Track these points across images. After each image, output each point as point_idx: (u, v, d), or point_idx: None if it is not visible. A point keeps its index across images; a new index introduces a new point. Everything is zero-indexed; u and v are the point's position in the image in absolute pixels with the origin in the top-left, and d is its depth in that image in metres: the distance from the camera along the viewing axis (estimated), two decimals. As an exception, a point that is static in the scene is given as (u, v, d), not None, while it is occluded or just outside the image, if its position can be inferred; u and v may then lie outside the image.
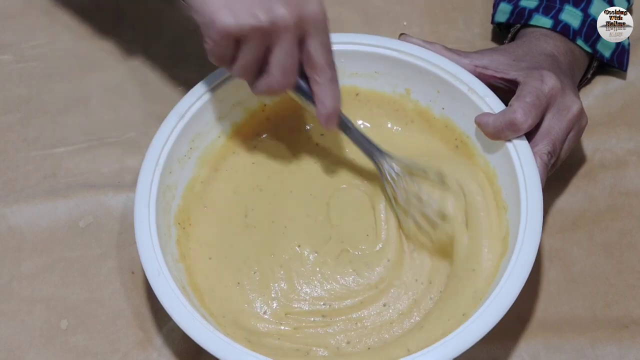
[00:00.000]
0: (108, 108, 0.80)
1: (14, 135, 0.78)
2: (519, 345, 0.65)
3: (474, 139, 0.69)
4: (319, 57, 0.61)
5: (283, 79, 0.61)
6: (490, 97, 0.67)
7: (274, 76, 0.61)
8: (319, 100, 0.63)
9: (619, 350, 0.65)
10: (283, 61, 0.60)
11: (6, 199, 0.73)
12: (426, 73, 0.70)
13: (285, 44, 0.59)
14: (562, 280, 0.69)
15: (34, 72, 0.83)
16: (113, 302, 0.68)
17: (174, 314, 0.59)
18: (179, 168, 0.68)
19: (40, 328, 0.67)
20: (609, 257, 0.70)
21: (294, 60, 0.61)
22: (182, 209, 0.68)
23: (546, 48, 0.72)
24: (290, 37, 0.59)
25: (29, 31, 0.85)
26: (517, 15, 0.76)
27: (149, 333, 0.67)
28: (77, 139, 0.78)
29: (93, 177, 0.75)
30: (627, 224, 0.72)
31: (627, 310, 0.67)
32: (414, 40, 0.71)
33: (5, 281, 0.69)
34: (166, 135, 0.67)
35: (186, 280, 0.64)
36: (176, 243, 0.66)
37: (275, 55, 0.60)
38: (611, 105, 0.78)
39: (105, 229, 0.72)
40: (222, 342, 0.57)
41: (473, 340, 0.56)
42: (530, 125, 0.64)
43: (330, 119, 0.64)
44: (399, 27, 0.85)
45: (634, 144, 0.76)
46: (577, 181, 0.74)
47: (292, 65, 0.61)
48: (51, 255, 0.71)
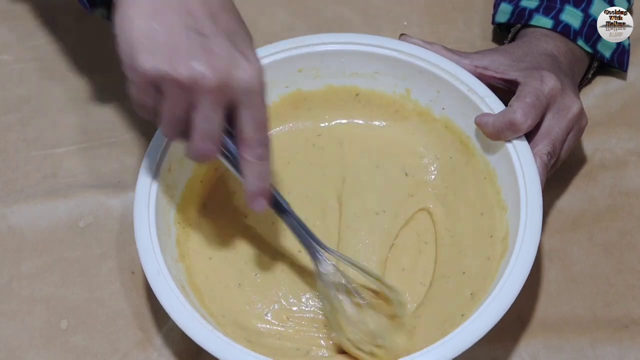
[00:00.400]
0: (108, 108, 0.80)
1: (14, 135, 0.78)
2: (519, 345, 0.65)
3: (474, 139, 0.69)
4: (248, 131, 0.56)
5: (202, 145, 0.56)
6: (490, 98, 0.67)
7: (193, 141, 0.56)
8: (244, 177, 0.58)
9: (619, 350, 0.65)
10: (202, 126, 0.55)
11: (6, 199, 0.74)
12: (426, 73, 0.70)
13: (205, 108, 0.54)
14: (562, 280, 0.69)
15: (34, 72, 0.83)
16: (113, 302, 0.68)
17: (173, 314, 0.59)
18: (179, 168, 0.68)
19: (40, 328, 0.67)
20: (609, 257, 0.70)
21: (214, 128, 0.55)
22: (182, 209, 0.68)
23: (546, 48, 0.72)
24: (210, 102, 0.53)
25: (29, 31, 0.85)
26: (517, 15, 0.76)
27: (149, 333, 0.67)
28: (77, 139, 0.78)
29: (93, 177, 0.75)
30: (627, 224, 0.72)
31: (627, 310, 0.67)
32: (414, 41, 0.71)
33: (5, 281, 0.69)
34: (166, 134, 0.67)
35: (186, 280, 0.64)
36: (176, 243, 0.66)
37: (195, 118, 0.55)
38: (611, 105, 0.78)
39: (105, 229, 0.72)
40: (222, 342, 0.57)
41: (473, 340, 0.56)
42: (530, 125, 0.64)
43: (255, 199, 0.59)
44: (399, 27, 0.85)
45: (634, 144, 0.76)
46: (577, 181, 0.74)
47: (212, 132, 0.55)
48: (51, 255, 0.71)
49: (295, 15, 0.87)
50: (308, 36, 0.72)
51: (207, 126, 0.55)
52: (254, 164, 0.57)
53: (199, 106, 0.54)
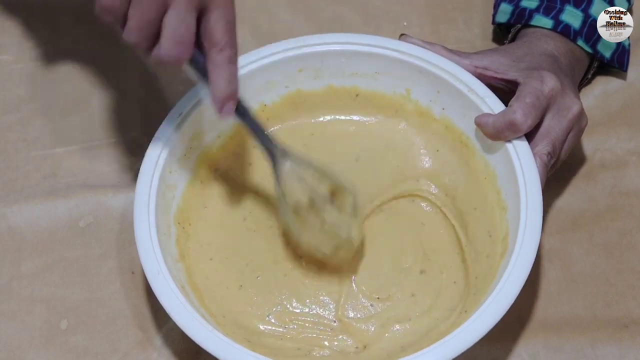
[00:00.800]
0: (108, 108, 0.80)
1: (14, 135, 0.78)
2: (519, 345, 0.65)
3: (474, 139, 0.69)
4: (218, 31, 0.56)
5: (173, 48, 0.55)
6: (490, 98, 0.67)
7: (164, 45, 0.55)
8: (212, 82, 0.58)
9: (619, 350, 0.65)
10: (175, 28, 0.54)
11: (6, 199, 0.73)
12: (426, 73, 0.70)
13: (179, 9, 0.54)
14: (562, 280, 0.69)
15: (34, 72, 0.83)
16: (113, 302, 0.68)
17: (172, 313, 0.58)
18: (179, 168, 0.68)
19: (40, 328, 0.67)
20: (609, 257, 0.70)
21: (187, 30, 0.55)
22: (182, 209, 0.68)
23: (547, 48, 0.72)
24: (186, 2, 0.54)
25: (29, 31, 0.85)
26: (517, 15, 0.76)
27: (149, 333, 0.67)
28: (77, 139, 0.78)
29: (93, 177, 0.75)
30: (627, 224, 0.72)
31: (627, 310, 0.67)
32: (414, 41, 0.71)
33: (5, 281, 0.69)
34: (166, 134, 0.67)
35: (185, 280, 0.64)
36: (176, 243, 0.66)
37: (167, 20, 0.54)
38: (611, 105, 0.78)
39: (105, 229, 0.72)
40: (222, 341, 0.57)
41: (473, 340, 0.56)
42: (530, 125, 0.64)
43: (224, 104, 0.59)
44: (399, 27, 0.85)
45: (634, 144, 0.76)
46: (577, 181, 0.74)
47: (185, 34, 0.55)
48: (51, 255, 0.71)
49: (296, 16, 0.87)
50: (308, 36, 0.72)
51: (182, 29, 0.55)
52: (223, 67, 0.57)
53: (173, 7, 0.54)
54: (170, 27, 0.55)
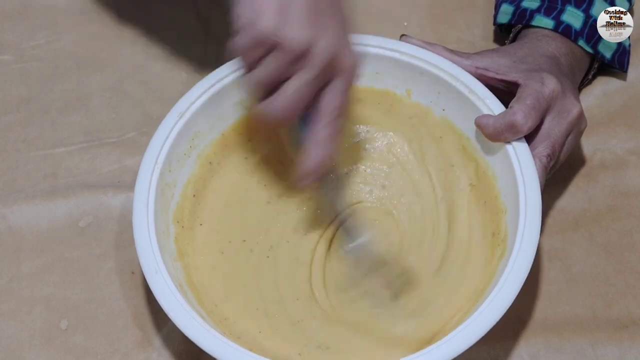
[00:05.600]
0: (108, 108, 0.80)
1: (14, 135, 0.78)
2: (519, 345, 0.65)
3: (474, 140, 0.69)
4: (331, 105, 0.58)
5: (282, 112, 0.57)
6: (490, 99, 0.67)
7: (274, 103, 0.57)
8: (308, 153, 0.59)
9: (619, 350, 0.65)
10: (293, 93, 0.56)
11: (6, 199, 0.74)
12: (427, 74, 0.70)
13: (309, 74, 0.56)
14: (562, 280, 0.69)
15: (34, 72, 0.83)
16: (113, 302, 0.68)
17: (170, 312, 0.58)
18: (179, 166, 0.68)
19: (40, 328, 0.67)
20: (609, 257, 0.70)
21: (302, 101, 0.57)
22: (181, 208, 0.68)
23: (548, 49, 0.72)
24: (315, 74, 0.56)
25: (29, 31, 0.85)
26: (518, 16, 0.76)
27: (149, 333, 0.67)
28: (77, 139, 0.78)
29: (93, 177, 0.75)
30: (627, 224, 0.72)
31: (627, 310, 0.67)
32: (414, 41, 0.71)
33: (5, 281, 0.69)
34: (166, 133, 0.67)
35: (184, 278, 0.64)
36: (174, 241, 0.66)
37: (294, 79, 0.56)
38: (611, 105, 0.78)
39: (105, 229, 0.72)
40: (220, 341, 0.57)
41: (473, 340, 0.56)
42: (530, 127, 0.64)
43: (308, 178, 0.60)
44: (399, 27, 0.85)
45: (634, 144, 0.76)
46: (577, 181, 0.74)
47: (299, 104, 0.57)
48: (51, 255, 0.71)
49: (296, 16, 0.87)
50: (308, 36, 0.72)
51: (301, 93, 0.56)
52: (321, 146, 0.59)
53: (304, 71, 0.56)
54: (289, 90, 0.57)
